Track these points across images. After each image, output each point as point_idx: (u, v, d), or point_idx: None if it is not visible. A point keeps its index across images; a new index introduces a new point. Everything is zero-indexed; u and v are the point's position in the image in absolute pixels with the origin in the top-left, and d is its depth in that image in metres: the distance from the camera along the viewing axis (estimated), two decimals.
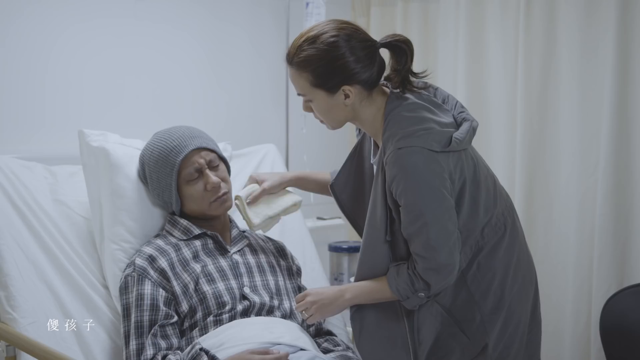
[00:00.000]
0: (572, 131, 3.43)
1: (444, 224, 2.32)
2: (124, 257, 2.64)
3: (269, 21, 3.94)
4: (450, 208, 2.33)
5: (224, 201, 2.68)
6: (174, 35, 3.62)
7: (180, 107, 3.63)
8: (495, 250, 2.43)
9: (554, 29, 3.47)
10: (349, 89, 2.34)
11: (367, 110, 2.41)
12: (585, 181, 3.39)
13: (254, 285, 2.63)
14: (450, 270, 2.34)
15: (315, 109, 2.43)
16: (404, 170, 2.28)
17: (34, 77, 3.19)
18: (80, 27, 3.30)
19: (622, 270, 3.28)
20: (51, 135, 3.23)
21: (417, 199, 2.29)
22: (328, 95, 2.36)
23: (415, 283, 2.36)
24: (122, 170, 2.71)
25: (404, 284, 2.37)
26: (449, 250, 2.33)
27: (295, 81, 2.40)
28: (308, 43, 2.33)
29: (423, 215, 2.30)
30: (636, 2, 3.20)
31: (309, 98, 2.40)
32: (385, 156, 2.32)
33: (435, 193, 2.29)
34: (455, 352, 2.43)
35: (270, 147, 3.35)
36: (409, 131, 2.30)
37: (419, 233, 2.32)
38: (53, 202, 2.75)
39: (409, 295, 2.38)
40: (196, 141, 2.67)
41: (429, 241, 2.31)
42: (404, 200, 2.31)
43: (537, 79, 3.52)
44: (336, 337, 2.78)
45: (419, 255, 2.34)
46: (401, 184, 2.29)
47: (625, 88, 3.23)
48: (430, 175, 2.29)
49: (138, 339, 2.44)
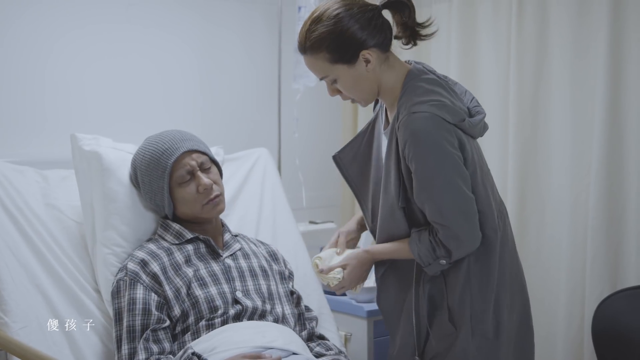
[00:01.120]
0: (564, 134, 3.44)
1: (458, 188, 2.33)
2: (116, 261, 2.63)
3: (261, 25, 3.94)
4: (463, 173, 2.34)
5: (216, 204, 2.68)
6: (166, 39, 3.61)
7: (173, 111, 3.63)
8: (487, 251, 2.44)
9: (546, 30, 3.48)
10: (367, 52, 2.37)
11: (388, 75, 2.43)
12: (577, 184, 3.40)
13: (247, 290, 2.63)
14: (471, 238, 2.36)
15: (342, 88, 2.44)
16: (415, 134, 2.30)
17: (26, 82, 3.19)
18: (72, 33, 3.30)
19: (614, 273, 3.29)
20: (43, 139, 3.22)
21: (429, 162, 2.31)
22: (350, 67, 2.38)
23: (437, 250, 2.37)
24: (114, 175, 2.71)
25: (426, 250, 2.38)
26: (467, 217, 2.34)
27: (314, 65, 2.41)
28: (315, 24, 2.37)
29: (435, 179, 2.31)
30: (628, 3, 3.20)
31: (332, 78, 2.41)
32: (399, 121, 2.35)
33: (447, 157, 2.31)
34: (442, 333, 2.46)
35: (262, 151, 3.35)
36: (424, 99, 2.34)
37: (432, 199, 2.33)
38: (45, 206, 2.74)
39: (430, 261, 2.39)
40: (187, 144, 2.67)
41: (443, 207, 2.32)
42: (415, 165, 2.32)
43: (529, 80, 3.52)
44: (328, 342, 2.78)
45: (437, 223, 2.34)
46: (412, 148, 2.30)
47: (617, 90, 3.24)
48: (441, 139, 2.31)
49: (130, 343, 2.44)
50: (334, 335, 2.96)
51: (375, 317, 3.24)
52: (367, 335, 3.25)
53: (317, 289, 3.11)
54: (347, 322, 3.28)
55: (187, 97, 3.71)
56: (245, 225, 3.09)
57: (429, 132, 2.30)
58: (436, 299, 2.46)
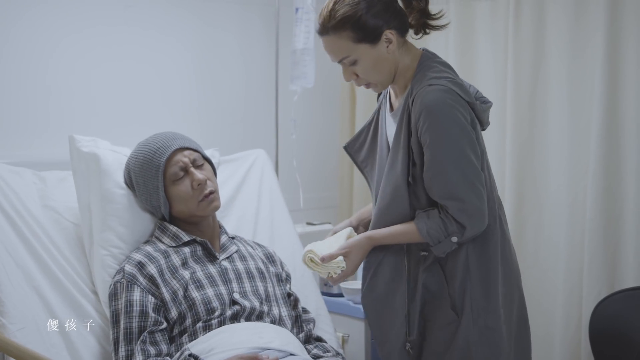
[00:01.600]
0: (562, 135, 3.44)
1: (472, 162, 2.36)
2: (114, 262, 2.63)
3: (258, 26, 3.94)
4: (476, 149, 2.38)
5: (211, 201, 2.68)
6: (164, 41, 3.61)
7: (171, 112, 3.63)
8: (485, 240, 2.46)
9: (543, 30, 3.48)
10: (390, 32, 2.41)
11: (405, 59, 2.48)
12: (575, 186, 3.40)
13: (244, 291, 2.63)
14: (481, 214, 2.37)
15: (361, 69, 2.46)
16: (430, 105, 2.33)
17: (23, 84, 3.19)
18: (69, 35, 3.29)
19: (612, 274, 3.29)
20: (40, 141, 3.22)
21: (444, 133, 2.33)
22: (372, 47, 2.41)
23: (449, 226, 2.37)
24: (112, 176, 2.72)
25: (436, 226, 2.38)
26: (478, 193, 2.35)
27: (336, 46, 2.43)
28: (338, 4, 2.40)
29: (450, 150, 2.34)
30: (625, 4, 3.21)
31: (353, 58, 2.43)
32: (412, 95, 2.39)
33: (463, 130, 2.35)
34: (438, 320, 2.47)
35: (260, 152, 3.35)
36: (439, 75, 2.40)
37: (445, 171, 2.34)
38: (42, 207, 2.74)
39: (440, 238, 2.38)
40: (178, 142, 2.69)
41: (456, 180, 2.34)
42: (429, 137, 2.34)
43: (527, 80, 3.53)
44: (326, 343, 2.78)
45: (448, 198, 2.35)
46: (428, 119, 2.33)
47: (614, 91, 3.24)
48: (457, 112, 2.35)
49: (127, 345, 2.44)
50: (331, 337, 2.96)
51: None
52: (364, 337, 3.25)
53: (314, 290, 3.12)
54: (344, 323, 3.28)
55: (184, 98, 3.71)
56: (243, 227, 3.09)
57: (445, 104, 2.34)
58: (433, 289, 2.47)
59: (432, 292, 2.47)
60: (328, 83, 4.18)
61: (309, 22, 3.66)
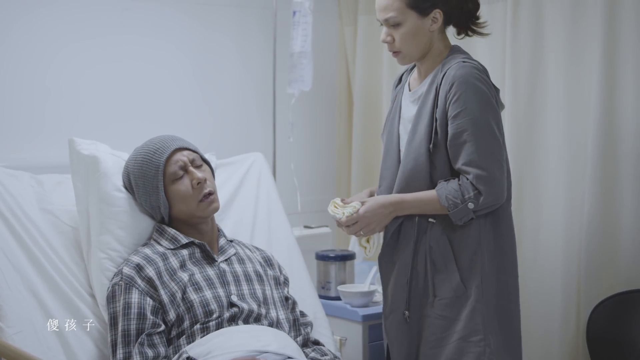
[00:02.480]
0: (559, 140, 3.43)
1: (498, 136, 2.50)
2: (111, 265, 2.63)
3: (256, 30, 3.94)
4: (501, 126, 2.54)
5: (211, 202, 2.69)
6: (161, 44, 3.62)
7: (168, 116, 3.63)
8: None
9: (541, 36, 3.47)
10: (439, 12, 2.59)
11: (439, 45, 2.66)
12: (572, 190, 3.40)
13: (242, 294, 2.63)
14: (501, 186, 2.49)
15: (400, 35, 2.59)
16: (465, 77, 2.50)
17: (21, 87, 3.19)
18: (67, 38, 3.30)
19: (609, 278, 3.29)
20: (38, 144, 3.23)
21: (476, 105, 2.49)
22: (419, 18, 2.58)
23: (465, 192, 2.47)
24: (111, 179, 2.72)
25: (454, 191, 2.48)
26: (500, 166, 2.49)
27: (390, 4, 2.58)
28: None
29: (480, 121, 2.47)
30: (622, 7, 3.21)
31: (399, 20, 2.57)
32: (446, 68, 2.55)
33: (492, 105, 2.53)
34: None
35: (257, 155, 3.34)
36: (472, 59, 2.61)
37: (473, 140, 2.47)
38: (40, 210, 2.74)
39: (457, 203, 2.47)
40: (177, 142, 2.71)
41: (482, 150, 2.46)
42: (459, 106, 2.48)
43: (525, 86, 3.52)
44: (324, 347, 2.78)
45: (472, 166, 2.46)
46: (461, 88, 2.49)
47: (612, 96, 3.23)
48: (486, 88, 2.52)
49: (125, 347, 2.44)
50: (328, 340, 2.95)
51: (370, 322, 3.23)
52: (362, 340, 3.25)
53: (312, 293, 3.11)
54: (342, 326, 3.28)
55: (182, 101, 3.71)
56: (240, 230, 3.09)
57: (476, 78, 2.51)
58: (438, 262, 2.56)
59: (437, 265, 2.56)
60: (325, 86, 4.18)
61: (307, 25, 3.66)
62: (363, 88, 4.14)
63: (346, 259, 3.38)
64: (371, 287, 3.29)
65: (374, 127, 4.10)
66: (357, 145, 4.16)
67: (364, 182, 4.11)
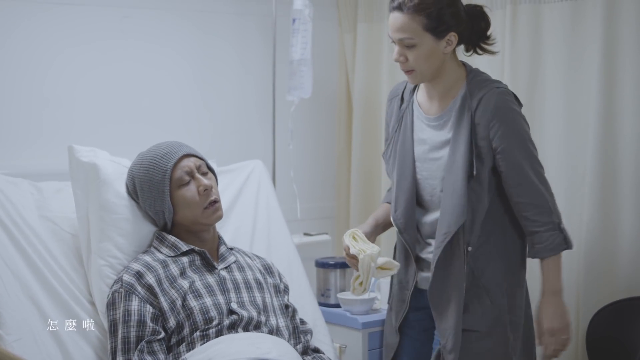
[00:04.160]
0: (558, 144, 3.43)
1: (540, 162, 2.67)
2: (111, 273, 2.63)
3: (255, 37, 3.95)
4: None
5: (216, 209, 2.69)
6: (161, 51, 3.62)
7: (168, 122, 3.63)
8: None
9: (540, 40, 3.48)
10: (454, 35, 2.60)
11: (451, 65, 2.67)
12: (572, 195, 3.39)
13: (242, 301, 2.63)
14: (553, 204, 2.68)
15: (414, 56, 2.59)
16: (501, 109, 2.59)
17: (20, 94, 3.19)
18: (66, 44, 3.30)
19: (609, 285, 3.28)
20: (37, 151, 3.22)
21: (521, 142, 2.61)
22: (434, 41, 2.58)
23: (552, 238, 2.64)
24: (111, 186, 2.72)
25: (548, 241, 2.64)
26: (547, 190, 2.68)
27: (406, 25, 2.56)
28: None
29: (527, 157, 2.61)
30: (621, 12, 3.21)
31: (415, 42, 2.57)
32: (477, 95, 2.60)
33: (528, 133, 2.66)
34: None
35: (256, 162, 3.34)
36: (496, 82, 2.68)
37: (529, 182, 2.61)
38: (39, 218, 2.74)
39: (559, 241, 2.64)
40: (185, 149, 2.72)
41: (541, 183, 2.63)
42: (506, 143, 2.58)
43: (523, 90, 3.52)
44: (324, 355, 2.78)
45: (536, 207, 2.63)
46: (502, 126, 2.58)
47: (611, 100, 3.23)
48: (522, 117, 2.65)
49: (125, 354, 2.44)
50: (328, 347, 2.95)
51: (370, 329, 3.24)
52: (361, 347, 3.24)
53: (311, 301, 3.11)
54: (341, 334, 3.28)
55: (181, 108, 3.71)
56: (240, 237, 3.09)
57: (513, 111, 2.61)
58: (471, 277, 2.63)
59: (472, 280, 2.63)
60: (325, 93, 4.18)
61: (306, 32, 3.66)
62: (363, 95, 4.14)
63: (346, 266, 3.37)
64: (371, 294, 3.29)
65: (373, 134, 4.09)
66: (356, 153, 4.16)
67: (364, 189, 4.11)
